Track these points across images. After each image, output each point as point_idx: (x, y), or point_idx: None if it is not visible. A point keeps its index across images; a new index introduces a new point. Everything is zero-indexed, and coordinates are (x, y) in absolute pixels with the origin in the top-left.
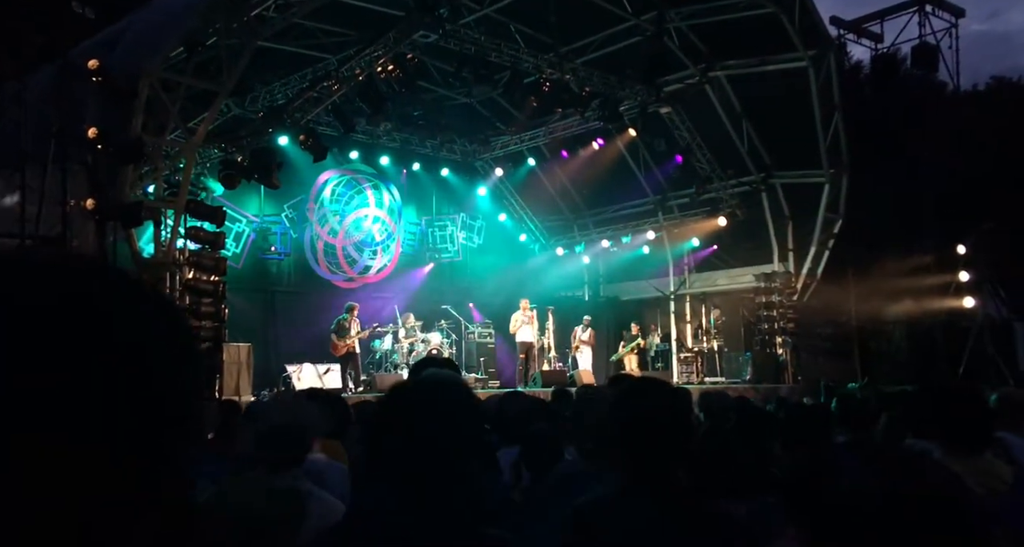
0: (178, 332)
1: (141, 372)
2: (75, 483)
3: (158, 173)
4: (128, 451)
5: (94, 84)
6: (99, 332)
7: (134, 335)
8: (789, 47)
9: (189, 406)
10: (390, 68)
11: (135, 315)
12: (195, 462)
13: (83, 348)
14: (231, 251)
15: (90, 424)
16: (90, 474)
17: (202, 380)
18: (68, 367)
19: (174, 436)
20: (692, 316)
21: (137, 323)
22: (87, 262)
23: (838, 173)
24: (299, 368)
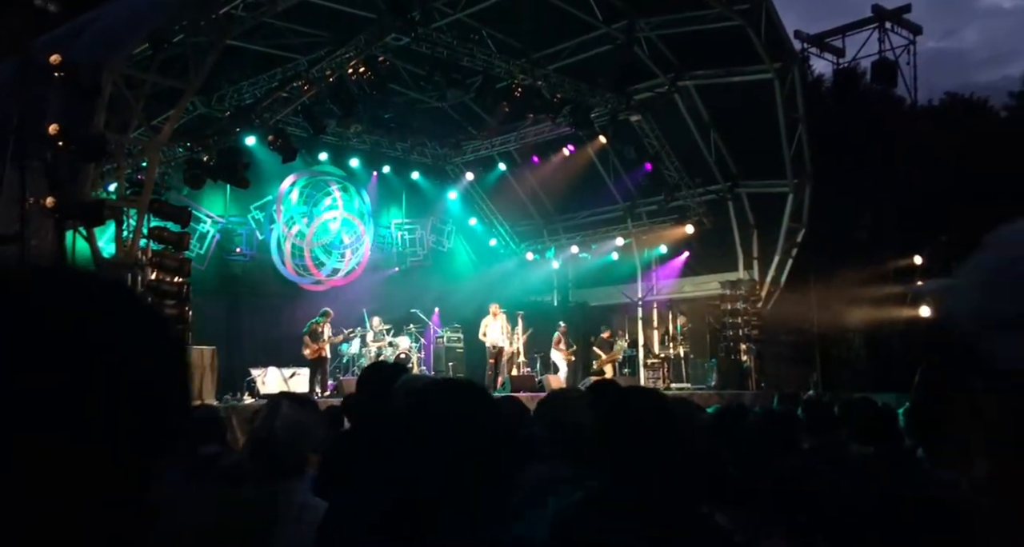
0: (168, 336)
1: (139, 374)
2: (76, 483)
3: (120, 171)
4: (128, 451)
5: (56, 79)
6: (98, 335)
7: (130, 338)
8: (755, 59)
9: (183, 407)
10: (361, 70)
11: (130, 320)
12: None
13: (83, 350)
14: (195, 252)
15: (91, 424)
16: (91, 474)
17: (190, 383)
18: (69, 368)
19: (169, 436)
20: (659, 322)
21: (132, 327)
22: (81, 269)
23: (801, 183)
24: (264, 372)
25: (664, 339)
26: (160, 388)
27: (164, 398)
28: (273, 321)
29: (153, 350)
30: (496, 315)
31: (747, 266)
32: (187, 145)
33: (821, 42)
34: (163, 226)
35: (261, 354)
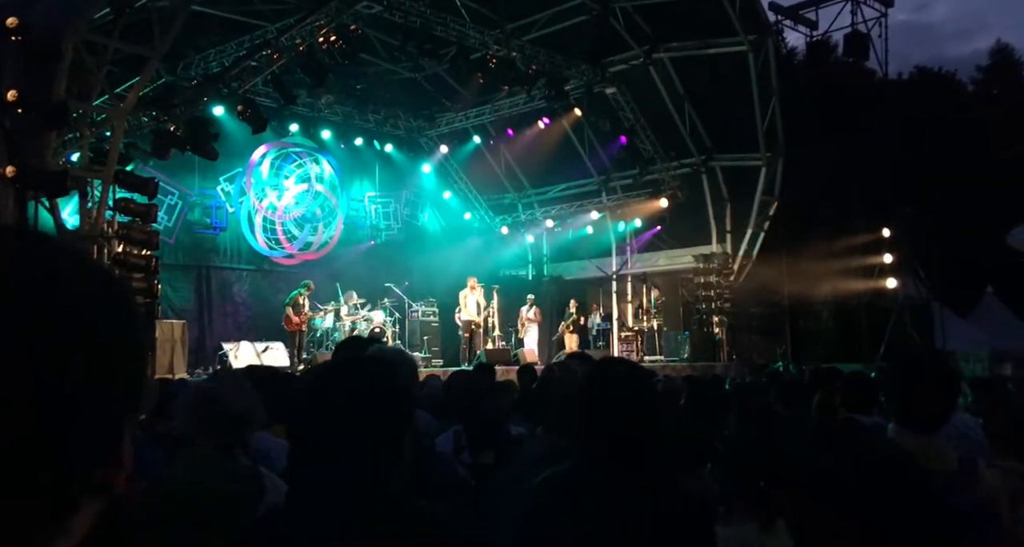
0: (121, 302)
1: (88, 339)
2: (25, 449)
3: (84, 140)
4: (81, 416)
5: (13, 43)
6: (44, 299)
7: (79, 302)
8: (730, 31)
9: (137, 373)
10: (332, 39)
11: (79, 283)
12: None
13: (29, 314)
14: (163, 225)
15: (40, 390)
16: (41, 441)
17: (147, 349)
18: (14, 333)
19: (123, 404)
20: (633, 296)
21: (81, 291)
22: (26, 231)
23: (774, 156)
24: (236, 346)
25: (638, 312)
26: (112, 354)
27: (116, 364)
28: (245, 295)
29: (104, 313)
30: (474, 289)
31: (720, 239)
32: (153, 114)
33: (795, 14)
34: (129, 197)
35: (232, 328)
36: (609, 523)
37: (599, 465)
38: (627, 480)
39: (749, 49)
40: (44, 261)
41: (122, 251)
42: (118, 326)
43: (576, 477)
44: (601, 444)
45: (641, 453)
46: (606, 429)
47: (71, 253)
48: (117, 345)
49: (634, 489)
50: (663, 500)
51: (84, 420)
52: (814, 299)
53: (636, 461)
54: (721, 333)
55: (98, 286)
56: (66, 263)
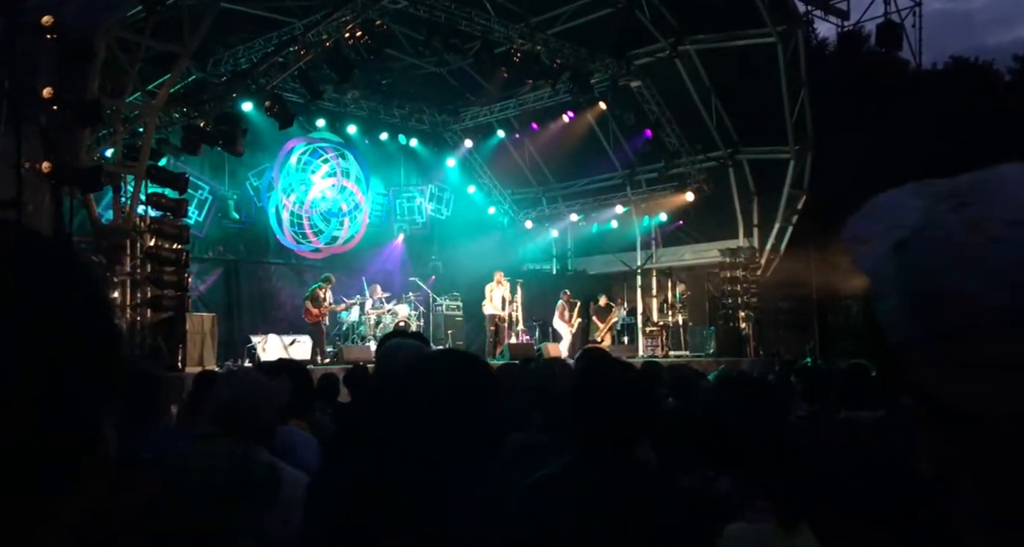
0: (82, 287)
1: (45, 326)
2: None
3: (116, 136)
4: (40, 410)
5: (48, 41)
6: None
7: (33, 287)
8: (758, 22)
9: (106, 360)
10: (358, 34)
11: (35, 269)
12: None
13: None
14: (194, 219)
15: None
16: (21, 435)
17: (112, 340)
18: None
19: (96, 394)
20: (658, 290)
21: (36, 277)
22: None
23: (803, 149)
24: (264, 339)
25: (663, 307)
26: (70, 340)
27: (73, 350)
28: (272, 289)
29: (62, 300)
30: (500, 283)
31: (747, 233)
32: (184, 111)
33: (826, 4)
34: (161, 192)
35: (261, 321)
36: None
37: (591, 463)
38: (620, 478)
39: (778, 40)
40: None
41: (154, 245)
42: (81, 311)
43: (568, 476)
44: (592, 440)
45: (632, 450)
46: (597, 425)
47: (31, 237)
48: (79, 331)
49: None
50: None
51: (58, 411)
52: (844, 294)
53: (628, 458)
54: (748, 328)
55: (53, 272)
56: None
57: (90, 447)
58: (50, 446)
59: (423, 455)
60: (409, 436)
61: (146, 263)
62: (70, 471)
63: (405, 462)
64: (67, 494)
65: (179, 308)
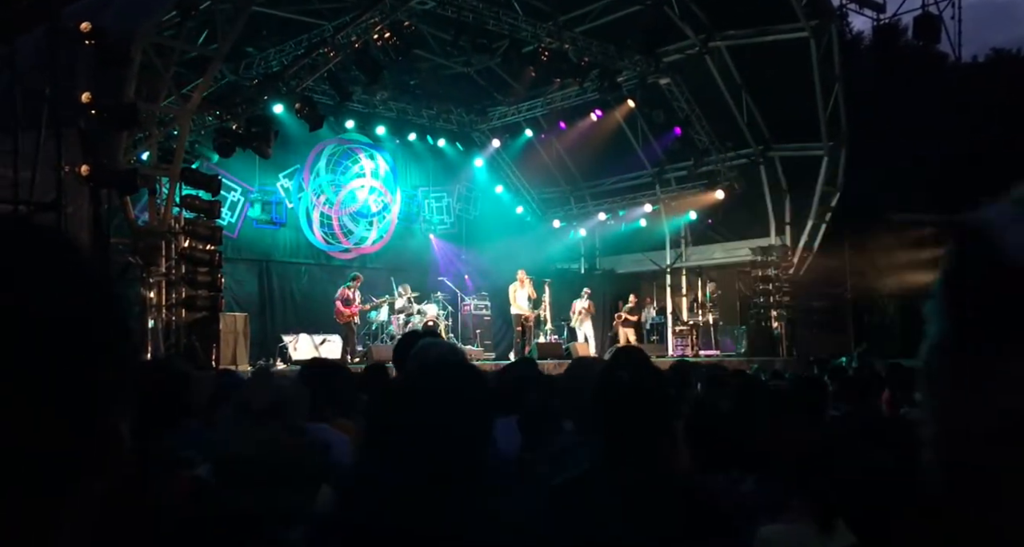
0: (97, 287)
1: (60, 325)
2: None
3: (152, 140)
4: (51, 404)
5: (86, 47)
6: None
7: (48, 286)
8: (790, 17)
9: (114, 363)
10: (387, 36)
11: (49, 268)
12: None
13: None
14: (226, 220)
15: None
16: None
17: (123, 337)
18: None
19: (106, 388)
20: (688, 289)
21: (51, 276)
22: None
23: (836, 146)
24: (295, 338)
25: (693, 306)
26: (85, 336)
27: (88, 347)
28: (303, 289)
29: (74, 293)
30: (523, 283)
31: (779, 231)
32: (216, 113)
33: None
34: (194, 194)
35: (292, 321)
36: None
37: (612, 466)
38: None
39: (811, 35)
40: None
41: (188, 246)
42: (91, 306)
43: (590, 480)
44: (611, 442)
45: (653, 452)
46: (614, 427)
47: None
48: (88, 327)
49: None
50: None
51: (66, 408)
52: (880, 293)
53: (650, 462)
54: (780, 327)
55: (69, 269)
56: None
57: (102, 444)
58: (59, 444)
59: (459, 453)
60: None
61: (180, 264)
62: (78, 469)
63: (439, 460)
64: (74, 493)
65: (212, 308)
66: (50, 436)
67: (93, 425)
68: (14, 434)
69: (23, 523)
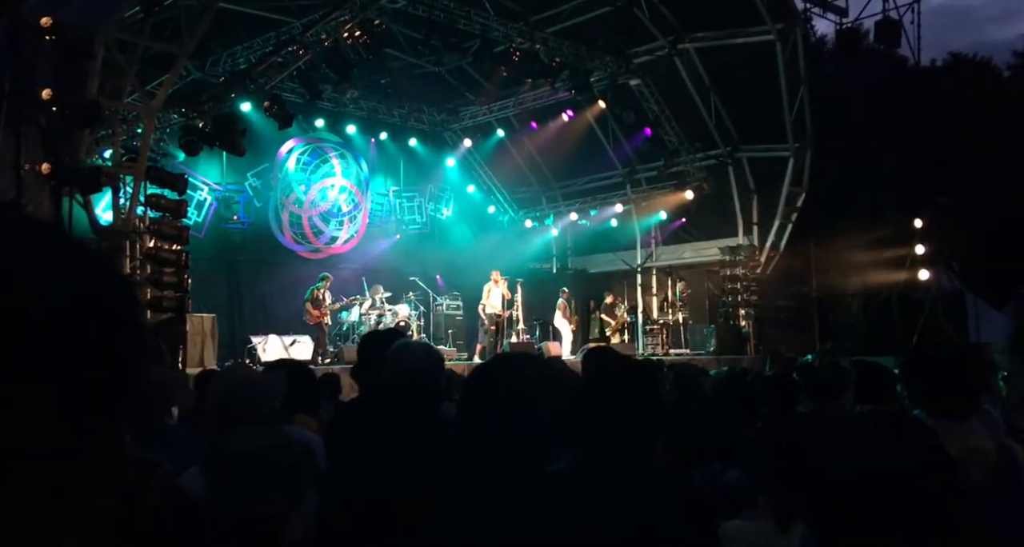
0: (109, 289)
1: (72, 324)
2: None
3: (116, 138)
4: (72, 399)
5: (47, 43)
6: (15, 283)
7: (53, 287)
8: (757, 20)
9: (131, 355)
10: (357, 34)
11: (57, 269)
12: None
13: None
14: (193, 220)
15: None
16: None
17: (142, 344)
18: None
19: (118, 386)
20: (658, 289)
21: (55, 276)
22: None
23: (802, 147)
24: (264, 339)
25: (663, 305)
26: (100, 333)
27: (105, 344)
28: (273, 289)
29: (91, 291)
30: (497, 282)
31: (747, 231)
32: (182, 111)
33: (824, 2)
34: (160, 193)
35: (261, 322)
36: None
37: (587, 465)
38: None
39: (777, 38)
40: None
41: (153, 246)
42: (110, 309)
43: (563, 479)
44: (599, 440)
45: (639, 449)
46: (606, 425)
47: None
48: (99, 321)
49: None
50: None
51: (72, 406)
52: (844, 291)
53: (635, 458)
54: (748, 326)
55: (81, 270)
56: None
57: (111, 446)
58: (59, 445)
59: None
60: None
61: (146, 264)
62: (90, 471)
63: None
64: (85, 494)
65: (179, 309)
66: (50, 436)
67: (93, 426)
68: (13, 434)
69: (24, 523)
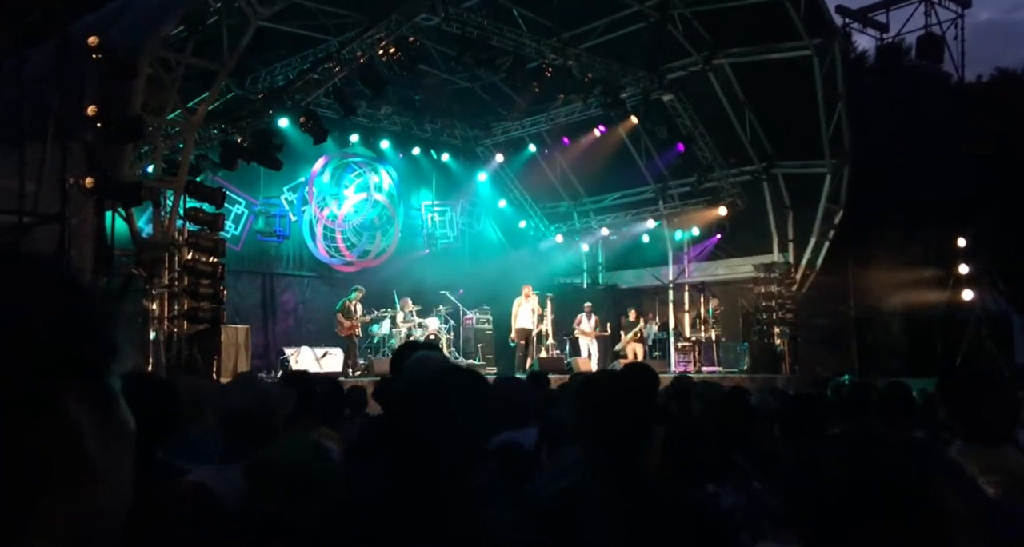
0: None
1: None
2: None
3: (157, 153)
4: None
5: (94, 61)
6: None
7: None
8: (794, 35)
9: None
10: (391, 51)
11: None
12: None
13: None
14: (230, 233)
15: None
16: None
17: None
18: None
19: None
20: (690, 305)
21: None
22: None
23: (840, 163)
24: (297, 351)
25: (695, 322)
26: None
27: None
28: (306, 301)
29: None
30: (528, 297)
31: (782, 248)
32: (221, 127)
33: (864, 17)
34: (198, 207)
35: (294, 334)
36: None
37: (594, 479)
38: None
39: (814, 53)
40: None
41: (191, 258)
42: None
43: (577, 492)
44: (593, 453)
45: (638, 464)
46: (594, 437)
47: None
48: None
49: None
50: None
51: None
52: (883, 311)
53: (632, 473)
54: (783, 344)
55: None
56: None
57: (60, 435)
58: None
59: (451, 463)
60: (438, 445)
61: (183, 276)
62: (43, 469)
63: (432, 469)
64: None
65: (214, 320)
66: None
67: (58, 418)
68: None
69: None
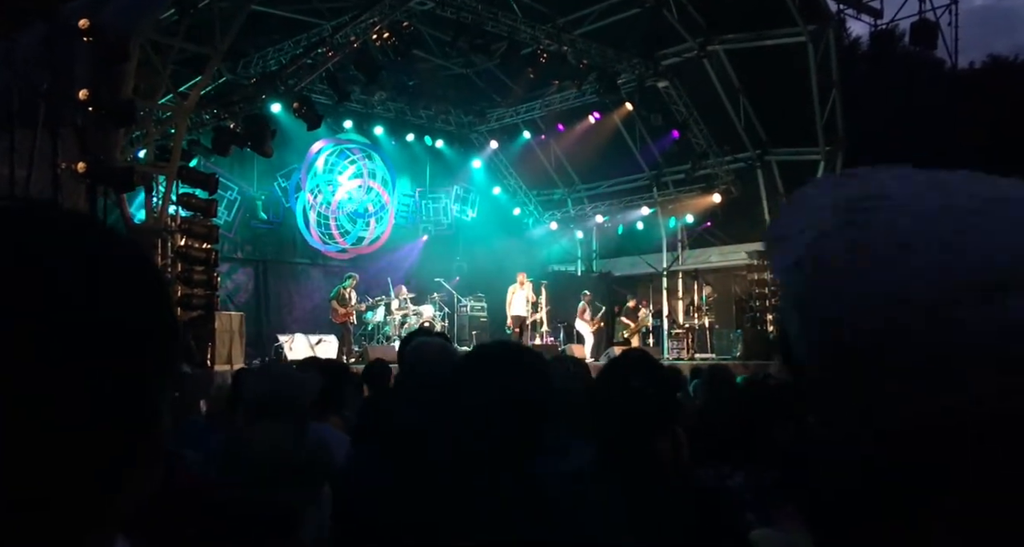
0: (147, 287)
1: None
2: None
3: (149, 138)
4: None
5: (85, 44)
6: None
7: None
8: (789, 22)
9: (162, 345)
10: (385, 36)
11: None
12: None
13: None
14: (223, 219)
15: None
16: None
17: (169, 319)
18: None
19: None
20: (684, 293)
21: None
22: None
23: (834, 150)
24: (291, 338)
25: (689, 309)
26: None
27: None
28: (300, 288)
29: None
30: (523, 284)
31: None
32: (214, 112)
33: (858, 3)
34: (191, 193)
35: (288, 320)
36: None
37: (601, 465)
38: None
39: (808, 40)
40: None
41: (184, 244)
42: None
43: (577, 479)
44: (611, 439)
45: (648, 449)
46: (607, 424)
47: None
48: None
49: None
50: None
51: (119, 398)
52: None
53: (646, 457)
54: (776, 331)
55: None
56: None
57: (151, 435)
58: (109, 438)
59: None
60: (447, 435)
61: (176, 262)
62: (129, 464)
63: (439, 461)
64: (124, 489)
65: (208, 307)
66: (107, 434)
67: (154, 415)
68: (73, 429)
69: (83, 520)
